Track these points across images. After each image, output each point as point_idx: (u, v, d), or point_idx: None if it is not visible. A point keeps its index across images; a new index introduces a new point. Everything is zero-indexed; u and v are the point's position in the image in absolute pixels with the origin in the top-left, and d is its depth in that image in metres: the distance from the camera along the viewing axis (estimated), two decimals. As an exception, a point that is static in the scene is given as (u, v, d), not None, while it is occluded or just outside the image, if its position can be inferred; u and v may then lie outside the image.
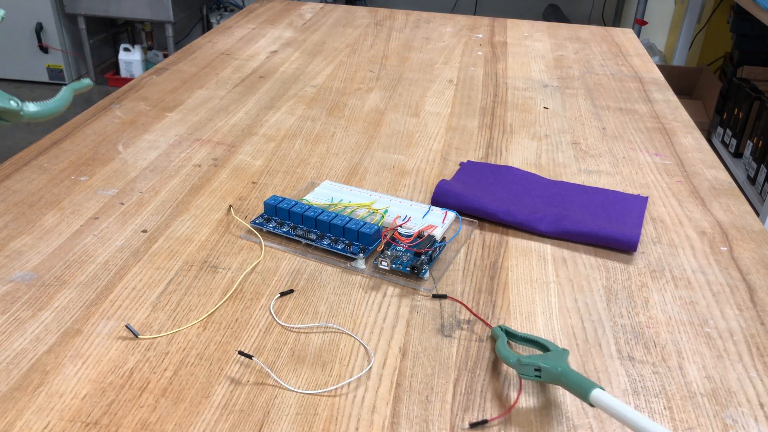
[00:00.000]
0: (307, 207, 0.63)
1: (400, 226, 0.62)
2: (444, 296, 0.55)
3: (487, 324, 0.53)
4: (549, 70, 1.13)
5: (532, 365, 0.45)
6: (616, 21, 3.20)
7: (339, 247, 0.60)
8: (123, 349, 0.49)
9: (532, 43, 1.27)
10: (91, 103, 2.84)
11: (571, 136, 0.87)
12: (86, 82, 0.48)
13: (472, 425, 0.44)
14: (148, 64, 3.11)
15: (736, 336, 0.53)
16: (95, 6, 2.86)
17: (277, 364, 0.48)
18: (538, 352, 0.50)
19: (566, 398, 0.46)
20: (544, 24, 1.41)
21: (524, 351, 0.51)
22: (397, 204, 0.67)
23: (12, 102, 0.41)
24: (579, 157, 0.82)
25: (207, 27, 3.37)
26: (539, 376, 0.45)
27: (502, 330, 0.50)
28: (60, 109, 0.44)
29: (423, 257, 0.58)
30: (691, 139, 0.88)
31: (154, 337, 0.50)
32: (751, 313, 0.56)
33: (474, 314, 0.54)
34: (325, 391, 0.46)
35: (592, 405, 0.42)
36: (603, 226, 0.64)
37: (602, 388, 0.42)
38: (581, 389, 0.43)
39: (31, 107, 0.42)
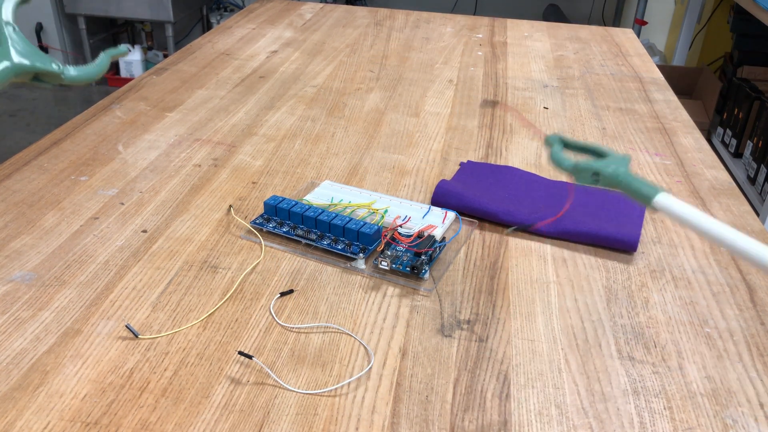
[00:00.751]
0: (307, 207, 0.63)
1: (400, 226, 0.62)
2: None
3: (538, 131, 0.50)
4: (549, 70, 1.13)
5: (590, 170, 0.42)
6: (616, 21, 3.20)
7: (339, 247, 0.60)
8: (123, 349, 0.49)
9: (532, 43, 1.27)
10: (91, 103, 2.84)
11: (571, 136, 0.87)
12: (122, 48, 0.49)
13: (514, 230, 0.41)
14: (148, 64, 3.11)
15: (736, 336, 0.53)
16: (95, 6, 2.86)
17: (277, 364, 0.48)
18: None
19: (566, 398, 0.46)
20: (544, 24, 1.41)
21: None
22: (397, 204, 0.67)
23: (54, 65, 0.42)
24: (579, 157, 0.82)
25: (207, 27, 3.37)
26: (597, 181, 0.42)
27: (557, 138, 0.46)
28: (98, 74, 0.45)
29: (423, 257, 0.58)
30: (691, 139, 0.88)
31: (154, 337, 0.50)
32: (751, 313, 0.56)
33: (523, 121, 0.50)
34: (325, 391, 0.46)
35: (655, 209, 0.39)
36: (603, 226, 0.64)
37: (667, 192, 0.39)
38: (644, 194, 0.39)
39: (72, 71, 0.43)
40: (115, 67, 3.20)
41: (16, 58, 0.39)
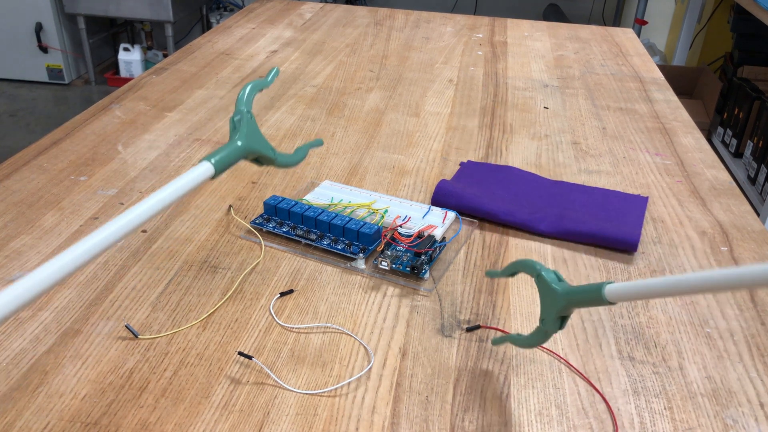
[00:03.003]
0: (307, 207, 0.63)
1: (400, 226, 0.62)
2: (477, 327, 0.53)
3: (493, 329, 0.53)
4: (549, 69, 1.12)
5: (554, 327, 0.43)
6: (616, 21, 3.20)
7: (339, 247, 0.60)
8: (123, 349, 0.49)
9: (532, 43, 1.27)
10: (91, 102, 2.84)
11: (571, 136, 0.87)
12: (319, 141, 0.58)
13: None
14: (147, 63, 3.11)
15: (737, 336, 0.53)
16: (95, 6, 2.86)
17: (277, 364, 0.48)
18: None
19: (566, 398, 0.46)
20: (544, 24, 1.41)
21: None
22: (397, 204, 0.67)
23: (271, 151, 0.50)
24: (579, 157, 0.82)
25: (207, 27, 3.37)
26: (563, 321, 0.43)
27: (509, 338, 0.48)
28: (300, 160, 0.54)
29: (423, 257, 0.58)
30: (691, 139, 0.88)
31: (153, 337, 0.50)
32: (752, 313, 0.56)
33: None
34: (325, 391, 0.46)
35: (611, 303, 0.39)
36: (603, 226, 0.64)
37: (611, 282, 0.39)
38: (595, 297, 0.40)
39: (282, 158, 0.52)
40: (114, 66, 3.20)
41: (248, 142, 0.48)
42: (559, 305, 0.42)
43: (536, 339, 0.45)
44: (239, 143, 0.47)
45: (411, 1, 3.36)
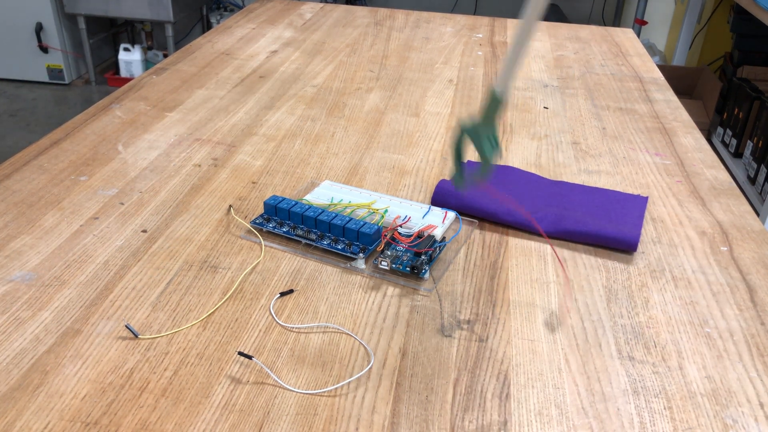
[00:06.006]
0: (307, 207, 0.63)
1: (400, 226, 0.62)
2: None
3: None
4: (549, 70, 1.13)
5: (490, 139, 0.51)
6: (616, 21, 3.20)
7: (339, 247, 0.60)
8: (123, 349, 0.49)
9: (532, 43, 1.27)
10: (91, 102, 2.84)
11: (571, 136, 0.87)
12: None
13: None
14: (148, 64, 3.11)
15: (736, 336, 0.53)
16: (95, 6, 2.86)
17: (277, 364, 0.48)
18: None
19: (566, 398, 0.46)
20: (544, 24, 1.41)
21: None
22: (397, 204, 0.67)
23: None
24: (579, 157, 0.82)
25: (207, 27, 3.37)
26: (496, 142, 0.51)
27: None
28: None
29: (423, 257, 0.58)
30: (691, 139, 0.88)
31: (154, 337, 0.50)
32: (751, 313, 0.56)
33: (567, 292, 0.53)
34: (325, 391, 0.46)
35: (499, 99, 0.48)
36: (603, 226, 0.64)
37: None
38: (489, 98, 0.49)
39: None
40: (115, 66, 3.20)
41: None
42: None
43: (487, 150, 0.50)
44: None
45: (411, 1, 3.36)
